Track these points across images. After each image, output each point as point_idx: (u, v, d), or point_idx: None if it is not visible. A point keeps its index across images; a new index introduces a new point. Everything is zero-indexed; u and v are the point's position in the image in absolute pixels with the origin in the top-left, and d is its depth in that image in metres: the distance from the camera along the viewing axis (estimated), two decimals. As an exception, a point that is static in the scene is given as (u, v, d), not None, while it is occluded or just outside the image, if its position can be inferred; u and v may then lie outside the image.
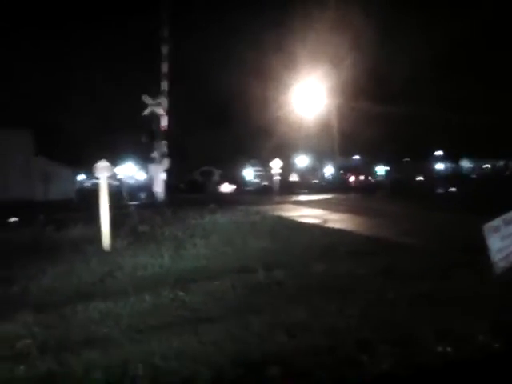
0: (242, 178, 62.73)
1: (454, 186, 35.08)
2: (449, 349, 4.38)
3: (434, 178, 53.62)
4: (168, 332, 5.30)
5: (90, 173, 46.25)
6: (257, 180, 63.19)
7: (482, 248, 6.84)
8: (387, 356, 4.29)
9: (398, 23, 35.44)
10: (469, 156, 64.06)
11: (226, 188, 45.39)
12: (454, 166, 63.68)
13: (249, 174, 67.56)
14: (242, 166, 66.50)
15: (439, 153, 64.94)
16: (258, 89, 37.44)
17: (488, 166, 67.94)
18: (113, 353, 4.73)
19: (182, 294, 6.86)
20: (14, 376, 4.31)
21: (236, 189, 45.24)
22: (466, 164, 66.57)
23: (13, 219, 17.77)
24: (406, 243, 10.50)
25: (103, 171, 11.46)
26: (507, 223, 6.87)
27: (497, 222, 6.89)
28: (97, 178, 12.12)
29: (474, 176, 54.91)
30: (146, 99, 28.86)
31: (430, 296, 6.07)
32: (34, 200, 32.11)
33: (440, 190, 35.05)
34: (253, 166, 67.23)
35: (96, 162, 11.65)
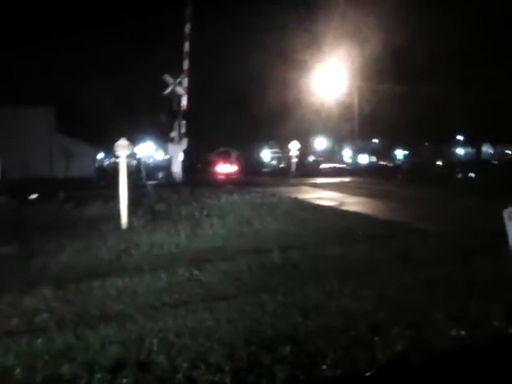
0: (259, 160, 62.63)
1: (473, 172, 34.60)
2: (462, 332, 4.37)
3: (454, 162, 52.93)
4: (183, 310, 5.37)
5: (109, 151, 46.66)
6: (274, 162, 63.07)
7: (500, 233, 6.77)
8: (400, 338, 4.29)
9: (422, 2, 34.67)
10: (490, 141, 62.98)
11: (223, 169, 43.42)
12: (474, 151, 62.68)
13: (266, 155, 67.45)
14: (260, 147, 66.38)
15: (460, 137, 63.96)
16: (278, 70, 37.11)
17: (509, 152, 66.81)
18: (128, 328, 4.81)
19: (197, 272, 6.93)
20: (32, 349, 4.41)
21: (237, 170, 43.27)
22: (487, 149, 65.49)
23: (33, 196, 18.02)
24: (423, 228, 10.43)
25: (123, 149, 11.53)
26: (526, 209, 6.77)
27: (516, 207, 6.80)
28: (116, 157, 12.20)
29: (495, 162, 54.10)
30: (167, 78, 28.86)
31: (445, 280, 6.05)
32: (54, 177, 32.48)
33: (459, 176, 34.62)
34: (270, 147, 67.07)
35: (115, 140, 11.72)
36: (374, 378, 3.34)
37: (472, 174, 33.89)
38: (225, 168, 43.50)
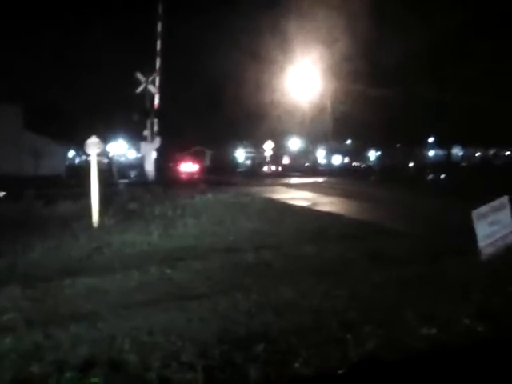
0: (233, 160, 62.61)
1: (444, 173, 35.25)
2: (433, 331, 4.43)
3: (425, 164, 53.81)
4: (155, 308, 5.32)
5: (80, 149, 46.00)
6: (248, 162, 63.10)
7: (469, 233, 6.91)
8: (371, 337, 4.33)
9: (394, 4, 35.14)
10: (461, 144, 64.27)
11: (188, 167, 43.44)
12: (445, 153, 63.87)
13: (240, 155, 67.46)
14: (235, 147, 66.35)
15: (431, 140, 65.07)
16: (251, 71, 37.13)
17: (478, 154, 68.32)
18: (99, 327, 4.74)
19: (169, 271, 6.88)
20: (0, 348, 4.30)
21: (199, 169, 43.29)
22: (457, 152, 66.82)
23: (1, 193, 17.64)
24: (395, 228, 10.57)
25: (94, 147, 11.38)
26: (495, 210, 6.93)
27: (485, 208, 6.95)
28: (87, 155, 12.04)
29: (464, 164, 55.22)
30: (139, 76, 28.63)
31: (416, 280, 6.12)
32: (23, 175, 31.85)
33: (430, 177, 35.21)
34: (245, 147, 67.11)
35: (86, 138, 11.56)
36: (347, 375, 3.36)
37: (442, 176, 34.51)
38: (187, 167, 43.45)
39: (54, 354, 4.17)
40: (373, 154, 67.76)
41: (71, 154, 56.94)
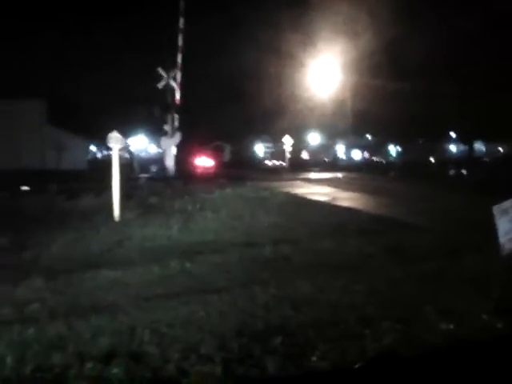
0: (252, 154, 62.64)
1: (465, 168, 34.80)
2: (451, 326, 4.41)
3: (447, 159, 53.20)
4: (174, 301, 5.38)
5: (101, 144, 46.46)
6: (267, 156, 63.03)
7: (490, 229, 6.83)
8: (389, 332, 4.33)
9: (416, 0, 34.72)
10: (483, 139, 63.26)
11: (207, 162, 43.48)
12: (466, 148, 62.95)
13: (260, 150, 67.43)
14: (253, 142, 66.37)
15: (453, 135, 64.23)
16: (272, 65, 37.06)
17: (501, 149, 67.21)
18: (120, 319, 4.82)
19: (189, 265, 6.94)
20: (23, 339, 4.41)
21: (218, 164, 43.25)
22: (479, 146, 65.80)
23: (25, 187, 17.95)
24: (414, 223, 10.49)
25: (116, 142, 11.51)
26: (517, 206, 6.83)
27: (507, 204, 6.86)
28: (109, 149, 12.19)
29: (486, 159, 54.40)
30: (162, 72, 28.78)
31: (435, 275, 6.10)
32: (45, 169, 32.33)
33: (452, 172, 34.80)
34: (264, 142, 67.05)
35: (108, 133, 11.69)
36: (364, 369, 3.37)
37: (464, 171, 34.08)
38: (206, 162, 43.41)
39: (75, 344, 4.27)
40: (393, 149, 67.11)
41: (93, 148, 57.58)
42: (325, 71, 40.38)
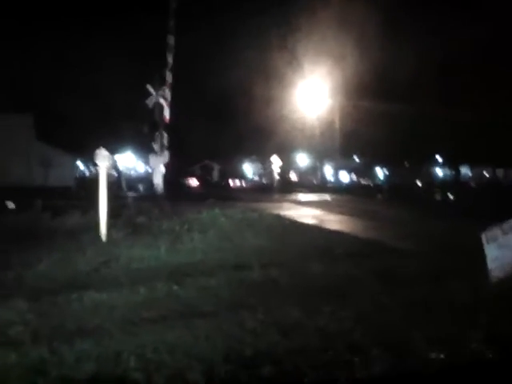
0: (241, 174, 62.74)
1: (451, 193, 35.09)
2: (441, 355, 4.38)
3: (433, 183, 53.63)
4: (161, 325, 5.31)
5: (89, 161, 46.24)
6: (256, 177, 63.21)
7: (478, 256, 6.86)
8: (379, 359, 4.29)
9: (402, 22, 35.36)
10: (469, 163, 63.99)
11: (195, 182, 44.85)
12: (453, 172, 63.62)
13: (248, 170, 67.56)
14: (242, 161, 66.51)
15: (439, 158, 64.92)
16: (260, 86, 37.38)
17: (486, 174, 67.95)
18: (105, 343, 4.73)
19: (176, 287, 6.87)
20: (6, 363, 4.30)
21: (200, 184, 44.57)
22: (465, 171, 66.50)
23: (10, 204, 17.75)
24: (402, 247, 10.51)
25: (103, 160, 11.45)
26: (505, 232, 6.88)
27: (495, 230, 6.91)
28: (96, 167, 12.12)
29: (472, 184, 54.95)
30: (150, 89, 28.81)
31: (423, 302, 6.08)
32: (32, 185, 32.06)
33: (438, 197, 35.06)
34: (253, 162, 67.23)
35: (96, 150, 11.63)
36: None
37: (451, 195, 34.35)
38: (195, 181, 44.78)
39: (59, 369, 4.17)
40: (380, 172, 67.58)
41: (81, 165, 57.30)
42: (313, 92, 40.81)
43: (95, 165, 12.33)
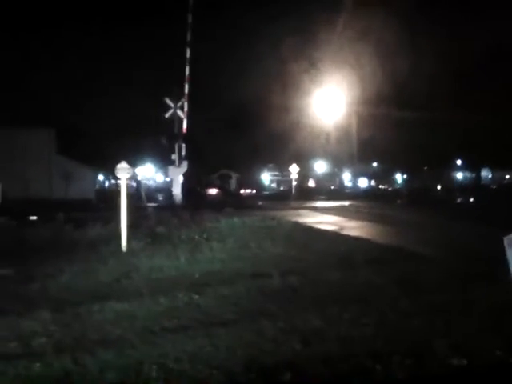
0: (259, 183, 62.84)
1: (472, 197, 34.66)
2: (464, 362, 4.33)
3: (454, 187, 53.08)
4: (182, 335, 5.33)
5: (109, 173, 46.76)
6: (274, 185, 63.28)
7: (500, 260, 6.76)
8: (401, 367, 4.26)
9: (421, 30, 35.20)
10: (490, 166, 63.18)
11: (214, 191, 45.47)
12: (473, 175, 62.84)
13: (266, 178, 67.61)
14: (260, 170, 66.61)
15: (459, 162, 64.25)
16: (277, 94, 37.47)
17: (508, 176, 67.00)
18: (127, 354, 4.77)
19: (196, 297, 6.90)
20: (30, 374, 4.37)
21: (218, 193, 45.15)
22: (486, 174, 65.68)
23: (32, 217, 18.01)
24: (423, 253, 10.42)
25: (124, 172, 11.57)
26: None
27: (517, 234, 6.79)
28: (116, 179, 12.26)
29: (494, 186, 54.16)
30: (169, 101, 29.14)
31: (445, 308, 6.01)
32: (53, 198, 32.51)
33: (459, 200, 34.68)
34: (270, 170, 67.31)
35: (116, 162, 11.77)
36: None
37: (471, 199, 33.93)
38: (213, 190, 45.46)
39: (82, 380, 4.22)
40: (399, 177, 67.11)
41: (101, 177, 57.96)
42: (330, 99, 40.73)
43: (115, 177, 12.47)
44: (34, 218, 17.95)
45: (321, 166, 68.25)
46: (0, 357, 4.79)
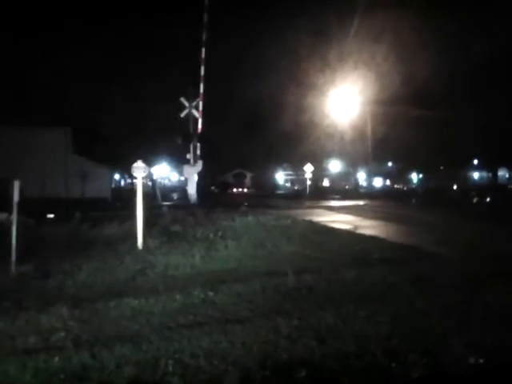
0: (273, 182, 62.82)
1: (489, 197, 34.31)
2: (481, 361, 4.32)
3: (470, 187, 52.58)
4: (198, 331, 5.38)
5: (125, 172, 47.07)
6: (288, 184, 63.22)
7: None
8: (416, 365, 4.26)
9: (436, 28, 34.91)
10: (507, 166, 62.44)
11: (229, 190, 45.98)
12: (490, 175, 62.17)
13: (280, 177, 67.57)
14: (274, 169, 66.60)
15: (475, 162, 63.61)
16: (292, 94, 37.46)
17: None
18: (144, 349, 4.84)
19: (211, 294, 6.95)
20: (49, 368, 4.45)
21: (233, 192, 45.40)
22: (503, 174, 64.91)
23: (50, 216, 18.22)
24: (438, 252, 10.36)
25: (140, 171, 11.67)
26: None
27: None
28: (132, 178, 12.36)
29: (511, 187, 53.54)
30: (184, 101, 29.29)
31: (460, 306, 5.99)
32: (70, 197, 32.82)
33: (475, 200, 34.35)
34: (284, 169, 67.28)
35: (131, 161, 11.87)
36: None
37: (488, 199, 33.58)
38: (228, 189, 45.93)
39: (99, 374, 4.30)
40: (415, 177, 66.61)
41: (116, 176, 58.39)
42: (345, 98, 40.58)
43: (131, 176, 12.56)
44: (52, 216, 18.16)
45: (335, 166, 68.09)
46: (20, 351, 4.89)
